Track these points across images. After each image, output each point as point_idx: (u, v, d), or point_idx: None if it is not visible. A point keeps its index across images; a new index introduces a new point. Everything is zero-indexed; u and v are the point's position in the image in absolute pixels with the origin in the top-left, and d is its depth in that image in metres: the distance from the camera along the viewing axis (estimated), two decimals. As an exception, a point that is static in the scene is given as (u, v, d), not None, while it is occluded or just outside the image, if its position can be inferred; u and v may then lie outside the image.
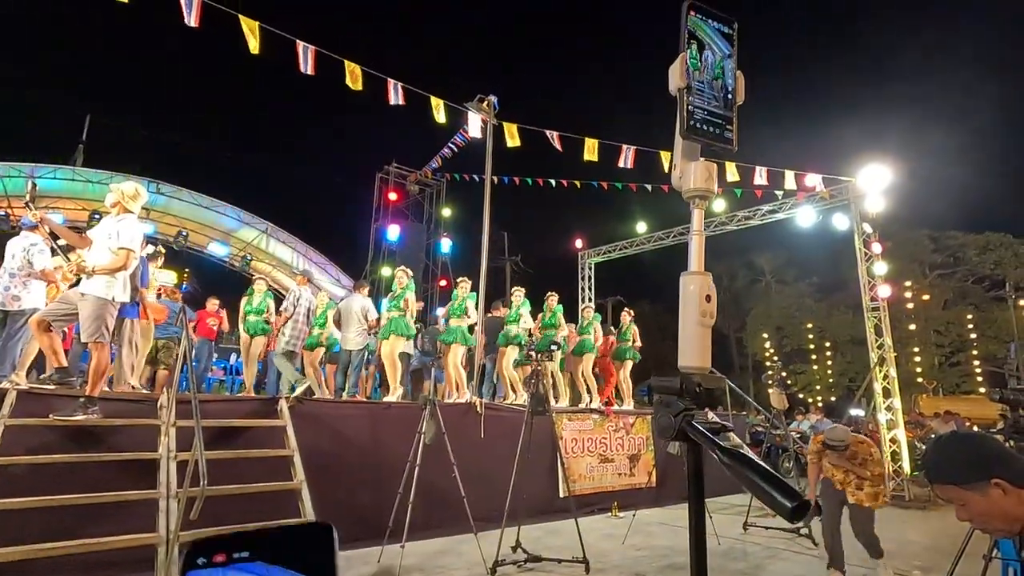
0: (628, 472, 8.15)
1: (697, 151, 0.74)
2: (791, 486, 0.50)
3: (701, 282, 0.67)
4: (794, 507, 0.48)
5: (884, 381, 9.99)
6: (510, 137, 8.55)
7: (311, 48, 6.84)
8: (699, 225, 0.70)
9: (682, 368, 0.65)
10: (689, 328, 0.66)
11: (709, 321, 0.66)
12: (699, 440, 0.59)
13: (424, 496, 4.82)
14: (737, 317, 31.31)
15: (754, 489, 0.51)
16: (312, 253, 17.48)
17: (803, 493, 0.48)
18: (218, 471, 4.36)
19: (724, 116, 0.76)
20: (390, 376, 7.23)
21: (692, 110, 0.73)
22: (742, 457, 0.54)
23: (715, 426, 0.61)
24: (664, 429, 0.63)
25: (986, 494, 1.31)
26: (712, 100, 0.76)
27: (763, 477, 0.51)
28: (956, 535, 3.41)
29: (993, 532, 1.42)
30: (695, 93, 0.74)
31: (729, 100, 0.77)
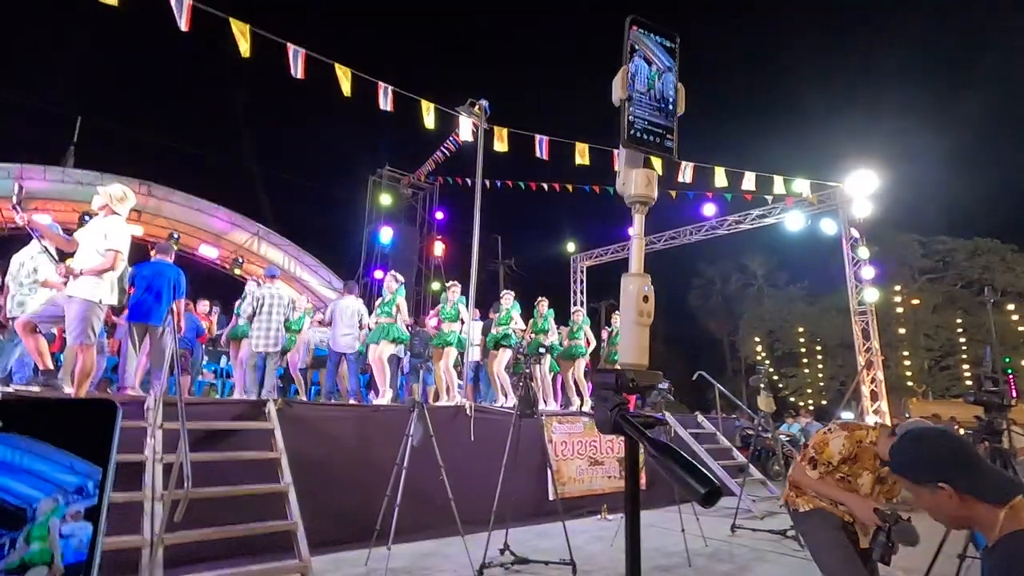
0: (618, 475, 8.18)
1: (640, 159, 0.78)
2: (706, 473, 0.53)
3: (639, 283, 0.70)
4: (706, 492, 0.51)
5: (872, 384, 10.08)
6: (499, 141, 8.61)
7: (301, 52, 6.87)
8: (639, 229, 0.74)
9: (621, 364, 0.69)
10: (628, 327, 0.70)
11: (646, 320, 0.70)
12: (631, 433, 0.63)
13: (412, 499, 4.84)
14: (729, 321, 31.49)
15: (674, 477, 0.54)
16: (304, 256, 17.43)
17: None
18: (205, 474, 4.37)
19: (665, 126, 0.80)
20: (379, 379, 7.24)
21: (633, 120, 0.77)
22: (666, 448, 0.57)
23: (648, 420, 0.65)
24: (602, 423, 0.66)
25: (934, 493, 1.38)
26: (653, 111, 0.80)
27: (682, 466, 0.55)
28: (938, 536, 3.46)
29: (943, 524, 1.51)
30: (636, 104, 0.78)
31: (670, 111, 0.81)
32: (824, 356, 25.83)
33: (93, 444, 0.37)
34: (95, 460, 0.37)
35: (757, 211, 12.02)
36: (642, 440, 0.61)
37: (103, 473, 0.37)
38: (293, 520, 4.52)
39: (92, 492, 0.36)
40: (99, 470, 0.37)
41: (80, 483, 0.36)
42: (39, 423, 0.37)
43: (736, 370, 31.09)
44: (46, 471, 0.36)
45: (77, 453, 0.36)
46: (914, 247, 23.16)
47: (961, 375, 22.86)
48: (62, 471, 0.36)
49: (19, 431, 0.36)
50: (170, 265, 5.88)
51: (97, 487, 0.36)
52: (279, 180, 38.90)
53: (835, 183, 10.70)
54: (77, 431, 0.37)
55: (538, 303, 8.66)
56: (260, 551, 4.50)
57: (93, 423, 0.38)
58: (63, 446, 0.36)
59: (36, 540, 0.35)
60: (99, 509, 0.36)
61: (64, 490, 0.36)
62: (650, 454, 0.58)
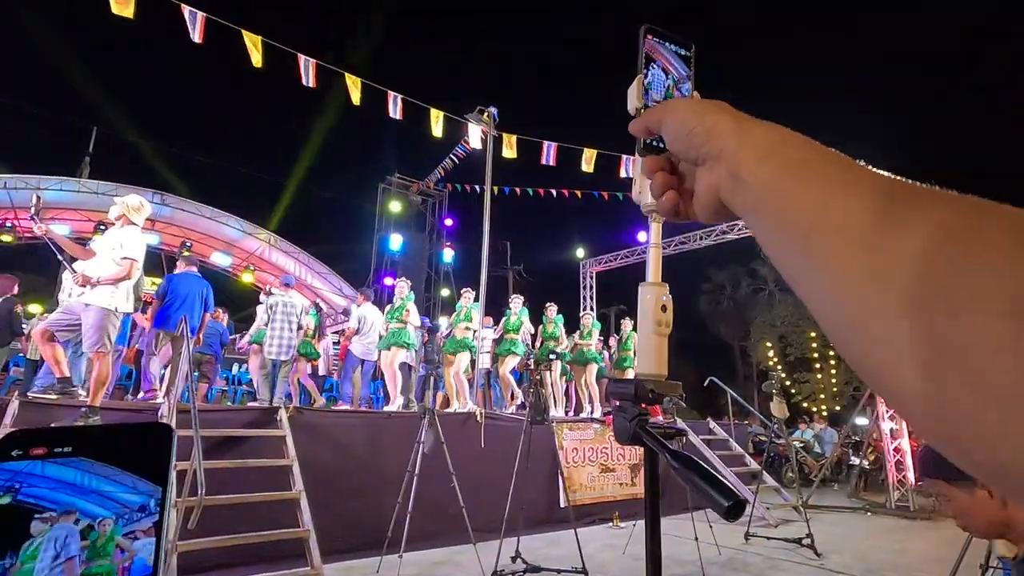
0: (630, 482, 8.11)
1: (656, 168, 0.77)
2: (729, 486, 0.52)
3: (657, 292, 0.70)
4: (729, 506, 0.51)
5: (887, 390, 9.94)
6: (508, 148, 8.64)
7: (312, 61, 6.95)
8: (656, 238, 0.73)
9: (639, 375, 0.68)
10: (645, 336, 0.69)
11: (665, 330, 0.69)
12: (651, 444, 0.62)
13: (423, 506, 4.83)
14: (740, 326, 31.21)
15: (696, 489, 0.54)
16: (314, 263, 17.57)
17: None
18: (218, 481, 4.39)
19: (681, 135, 0.79)
20: (390, 387, 7.26)
21: (648, 129, 0.76)
22: (688, 460, 0.57)
23: (669, 431, 0.64)
24: (620, 433, 0.66)
25: (972, 493, 1.33)
26: (669, 120, 0.79)
27: (703, 477, 0.54)
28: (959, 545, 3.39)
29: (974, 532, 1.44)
30: (652, 113, 0.77)
31: (686, 119, 0.80)
32: (837, 361, 25.49)
33: (152, 464, 0.40)
34: (154, 479, 0.40)
35: (768, 215, 11.94)
36: (663, 452, 0.60)
37: (163, 491, 0.40)
38: (305, 527, 4.53)
39: (154, 509, 0.39)
40: (159, 488, 0.40)
41: (143, 501, 0.39)
42: (105, 446, 0.40)
43: (748, 376, 30.79)
44: (113, 491, 0.38)
45: (138, 473, 0.39)
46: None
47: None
48: (126, 491, 0.38)
49: (87, 455, 0.39)
50: (200, 278, 6.05)
51: (158, 504, 0.39)
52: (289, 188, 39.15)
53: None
54: (138, 453, 0.40)
55: (546, 309, 8.65)
56: (272, 558, 4.51)
57: (152, 445, 0.41)
58: (126, 467, 0.39)
59: (99, 558, 0.37)
60: (161, 524, 0.39)
61: (129, 508, 0.38)
62: (672, 466, 0.58)
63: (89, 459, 0.39)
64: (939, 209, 0.26)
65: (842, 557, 5.87)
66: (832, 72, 45.31)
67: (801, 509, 6.88)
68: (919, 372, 0.24)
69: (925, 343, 0.24)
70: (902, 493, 9.25)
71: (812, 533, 6.02)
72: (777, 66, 47.82)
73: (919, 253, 0.25)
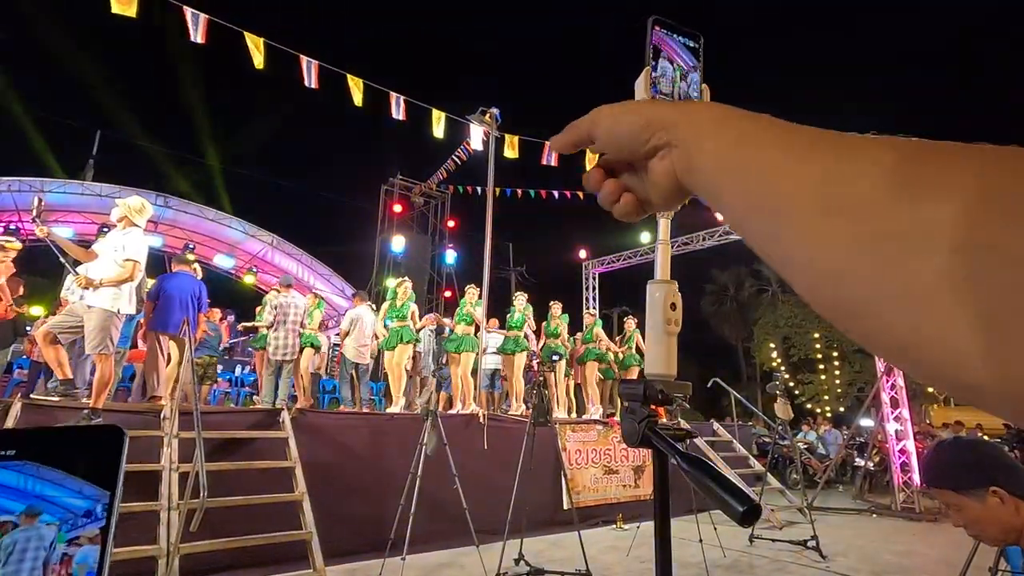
0: (633, 483, 8.08)
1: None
2: (744, 490, 0.50)
3: (667, 290, 0.68)
4: (744, 511, 0.49)
5: (891, 391, 9.89)
6: (510, 148, 8.62)
7: (314, 63, 6.95)
8: (665, 235, 0.71)
9: (648, 375, 0.66)
10: (655, 336, 0.67)
11: (674, 329, 0.67)
12: (661, 447, 0.60)
13: (426, 508, 4.81)
14: (744, 327, 31.13)
15: (709, 493, 0.52)
16: (316, 265, 17.60)
17: None
18: (220, 483, 4.38)
19: (690, 129, 0.77)
20: (393, 387, 7.24)
21: (657, 123, 0.74)
22: (700, 463, 0.55)
23: (679, 433, 0.62)
24: (629, 435, 0.64)
25: (983, 501, 1.30)
26: (678, 113, 0.77)
27: (717, 482, 0.52)
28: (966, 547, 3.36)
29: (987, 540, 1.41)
30: (660, 106, 0.75)
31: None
32: (841, 362, 25.42)
33: (101, 469, 0.38)
34: (103, 484, 0.38)
35: (771, 216, 11.90)
36: (673, 454, 0.58)
37: (111, 496, 0.38)
38: (308, 529, 4.52)
39: (100, 515, 0.37)
40: (107, 493, 0.38)
41: (89, 507, 0.37)
42: (50, 450, 0.38)
43: (751, 377, 30.70)
44: (57, 496, 0.37)
45: (86, 478, 0.38)
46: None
47: (984, 381, 22.35)
48: (71, 495, 0.37)
49: (31, 458, 0.37)
50: (193, 277, 6.03)
51: (105, 510, 0.38)
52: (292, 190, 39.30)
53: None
54: (86, 457, 0.38)
55: (550, 307, 8.65)
56: (275, 560, 4.50)
57: (102, 448, 0.39)
58: (73, 472, 0.38)
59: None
60: (107, 531, 0.37)
61: (74, 514, 0.37)
62: (683, 469, 0.56)
63: (34, 462, 0.37)
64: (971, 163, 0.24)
65: (848, 559, 5.82)
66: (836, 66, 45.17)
67: (806, 511, 6.84)
68: (982, 346, 0.22)
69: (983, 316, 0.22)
70: (907, 495, 9.19)
71: (817, 535, 5.98)
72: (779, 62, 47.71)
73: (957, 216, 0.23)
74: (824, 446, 13.03)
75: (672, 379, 0.66)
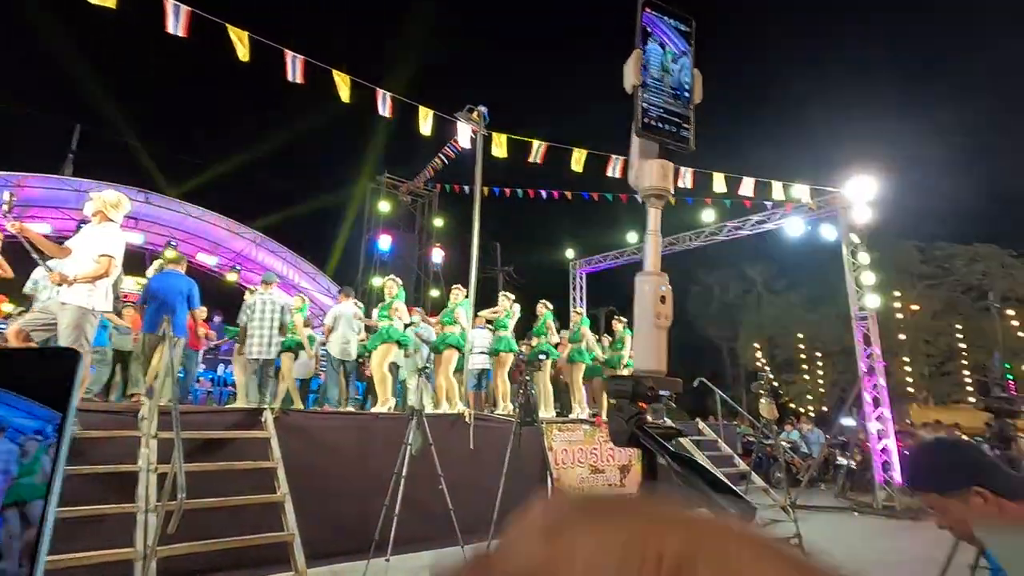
0: (619, 483, 8.09)
1: (655, 150, 0.72)
2: (740, 494, 0.47)
3: (656, 283, 0.65)
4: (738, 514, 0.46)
5: (873, 391, 10.01)
6: (498, 147, 8.58)
7: (300, 58, 6.85)
8: (655, 225, 0.68)
9: (636, 371, 0.63)
10: (644, 330, 0.64)
11: (664, 323, 0.64)
12: (650, 446, 0.57)
13: (411, 509, 4.75)
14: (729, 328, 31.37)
15: (701, 495, 0.49)
16: (302, 263, 17.40)
17: None
18: (200, 484, 4.29)
19: (681, 115, 0.75)
20: (379, 387, 7.15)
21: (647, 108, 0.72)
22: (692, 463, 0.52)
23: (668, 431, 0.59)
24: (617, 434, 0.61)
25: (967, 502, 1.30)
26: (668, 98, 0.75)
27: (712, 485, 0.49)
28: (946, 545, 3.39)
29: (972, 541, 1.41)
30: (650, 90, 0.73)
31: (686, 98, 0.76)
32: (824, 362, 25.73)
33: (54, 391, 0.39)
34: (55, 406, 0.39)
35: (756, 217, 11.99)
36: (663, 454, 0.55)
37: (62, 417, 0.39)
38: (290, 531, 4.44)
39: (51, 434, 0.38)
40: (58, 414, 0.39)
41: (39, 426, 0.38)
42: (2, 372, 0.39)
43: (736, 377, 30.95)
44: (5, 416, 0.38)
45: (37, 399, 0.38)
46: (913, 253, 23.14)
47: (962, 381, 22.76)
48: (21, 416, 0.38)
49: None
50: (182, 276, 5.92)
51: (56, 430, 0.39)
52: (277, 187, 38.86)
53: (834, 188, 10.68)
54: (38, 379, 0.39)
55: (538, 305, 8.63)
56: (256, 563, 4.41)
57: (54, 371, 0.40)
58: (22, 393, 0.38)
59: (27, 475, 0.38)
60: (59, 449, 0.38)
61: (23, 434, 0.38)
62: (673, 469, 0.52)
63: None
64: None
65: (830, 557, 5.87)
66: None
67: (789, 509, 6.89)
68: None
69: None
70: (889, 493, 9.30)
71: (800, 533, 6.01)
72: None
73: None
74: (807, 445, 13.15)
75: (662, 375, 0.63)
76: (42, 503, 0.38)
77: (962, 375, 22.76)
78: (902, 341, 22.34)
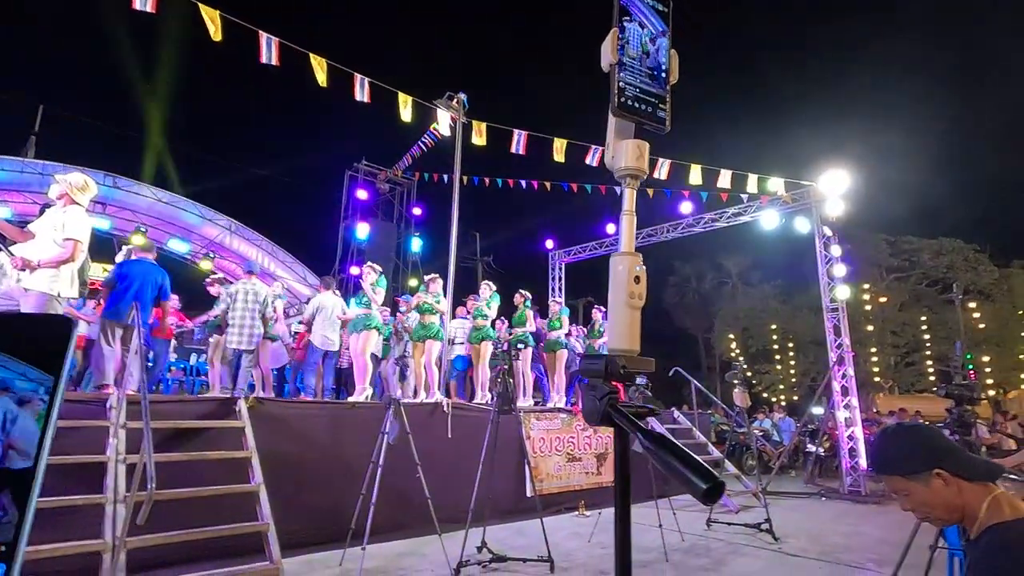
0: (595, 471, 8.19)
1: (631, 130, 0.72)
2: (707, 467, 0.48)
3: (630, 262, 0.65)
4: (707, 488, 0.47)
5: (843, 380, 10.29)
6: (478, 135, 8.52)
7: (275, 40, 6.68)
8: (630, 205, 0.68)
9: (610, 350, 0.63)
10: (617, 310, 0.64)
11: (637, 303, 0.64)
12: (623, 424, 0.58)
13: (388, 498, 4.75)
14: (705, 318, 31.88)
15: (672, 471, 0.49)
16: (278, 251, 17.09)
17: None
18: (172, 474, 4.21)
19: (657, 95, 0.75)
20: (358, 375, 7.10)
21: (623, 87, 0.71)
22: (663, 440, 0.52)
23: (640, 410, 0.59)
24: (590, 413, 0.61)
25: (928, 484, 1.35)
26: (645, 78, 0.75)
27: (681, 460, 0.49)
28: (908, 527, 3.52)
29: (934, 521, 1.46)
30: (627, 69, 0.72)
31: (663, 79, 0.76)
32: (796, 353, 26.36)
33: (47, 355, 0.40)
34: (47, 370, 0.39)
35: (733, 209, 12.16)
36: (635, 431, 0.55)
37: (55, 380, 0.40)
38: (264, 521, 4.39)
39: (43, 396, 0.39)
40: (50, 377, 0.40)
41: (32, 388, 0.39)
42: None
43: (711, 367, 31.51)
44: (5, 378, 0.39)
45: (30, 362, 0.39)
46: (883, 246, 23.76)
47: (925, 371, 23.57)
48: (15, 377, 0.39)
49: None
50: (155, 265, 5.75)
51: (48, 392, 0.39)
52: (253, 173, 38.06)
53: (808, 182, 10.88)
54: (32, 343, 0.40)
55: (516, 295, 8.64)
56: (230, 554, 4.36)
57: (48, 336, 0.40)
58: (16, 355, 0.39)
59: None
60: (49, 413, 0.39)
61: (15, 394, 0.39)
62: (645, 447, 0.53)
63: None
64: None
65: (799, 541, 6.05)
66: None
67: (760, 495, 7.07)
68: None
69: None
70: (854, 478, 9.61)
71: (770, 518, 6.19)
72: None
73: None
74: (779, 433, 13.49)
75: (635, 354, 0.63)
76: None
77: (926, 365, 23.57)
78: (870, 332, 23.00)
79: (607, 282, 0.65)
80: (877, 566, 5.11)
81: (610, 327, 0.66)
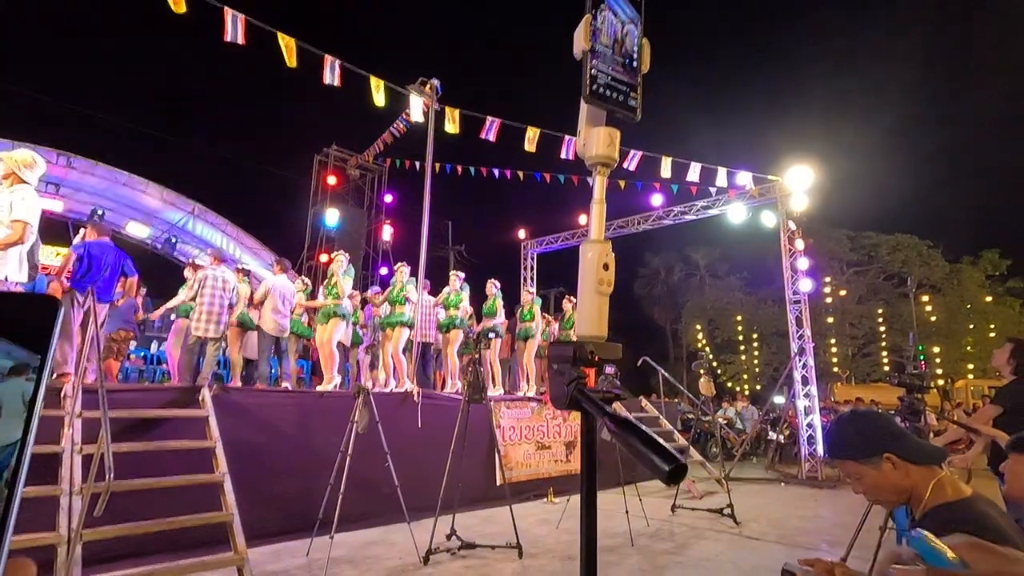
0: (564, 459, 8.30)
1: (602, 117, 0.73)
2: (670, 450, 0.49)
3: (599, 250, 0.65)
4: (670, 469, 0.48)
5: (803, 370, 10.65)
6: (451, 122, 8.43)
7: (241, 17, 6.45)
8: (600, 194, 0.69)
9: (579, 336, 0.64)
10: (586, 296, 0.65)
11: (606, 289, 0.65)
12: (590, 408, 0.58)
13: (357, 487, 4.71)
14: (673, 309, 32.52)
15: (637, 454, 0.50)
16: (244, 237, 16.65)
17: None
18: (132, 465, 4.10)
19: (628, 83, 0.75)
20: (325, 365, 6.99)
21: (595, 74, 0.72)
22: (627, 423, 0.53)
23: (607, 395, 0.60)
24: (557, 398, 0.62)
25: (879, 468, 1.42)
26: (616, 66, 0.75)
27: (645, 443, 0.51)
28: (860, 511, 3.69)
29: (884, 503, 1.54)
30: (599, 57, 0.73)
31: (634, 67, 0.76)
32: (760, 343, 27.13)
33: (32, 333, 0.39)
34: (32, 348, 0.39)
35: (702, 202, 12.38)
36: (602, 416, 0.56)
37: (41, 359, 0.39)
38: (228, 511, 4.31)
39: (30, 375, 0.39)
40: (37, 356, 0.39)
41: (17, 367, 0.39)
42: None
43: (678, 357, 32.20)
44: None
45: (15, 341, 0.38)
46: (844, 241, 24.57)
47: (880, 361, 24.58)
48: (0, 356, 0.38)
49: None
50: (115, 248, 5.51)
51: (34, 371, 0.39)
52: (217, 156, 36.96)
53: (775, 177, 11.14)
54: (16, 321, 0.39)
55: (487, 285, 8.64)
56: (194, 545, 4.27)
57: (34, 315, 0.40)
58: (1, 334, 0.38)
59: None
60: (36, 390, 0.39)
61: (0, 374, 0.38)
62: (611, 430, 0.54)
63: None
64: None
65: (759, 525, 6.27)
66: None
67: (723, 482, 7.30)
68: None
69: None
70: (812, 464, 9.99)
71: (733, 503, 6.39)
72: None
73: None
74: (742, 421, 13.90)
75: (603, 340, 0.64)
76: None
77: (881, 356, 24.58)
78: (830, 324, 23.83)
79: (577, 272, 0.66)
80: (831, 547, 5.33)
81: (579, 313, 0.67)
